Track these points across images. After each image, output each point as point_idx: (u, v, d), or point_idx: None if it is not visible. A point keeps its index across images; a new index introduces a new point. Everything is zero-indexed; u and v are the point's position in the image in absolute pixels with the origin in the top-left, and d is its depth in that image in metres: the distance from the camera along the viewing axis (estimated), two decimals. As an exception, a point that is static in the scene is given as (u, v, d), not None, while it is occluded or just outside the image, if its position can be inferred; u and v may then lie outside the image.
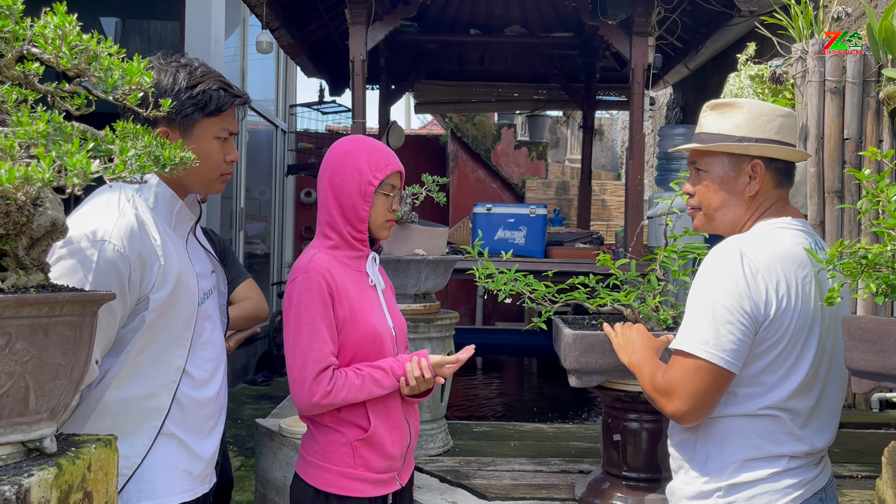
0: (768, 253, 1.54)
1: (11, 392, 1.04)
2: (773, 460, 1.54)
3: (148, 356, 1.58)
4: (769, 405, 1.54)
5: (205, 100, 1.63)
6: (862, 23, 4.29)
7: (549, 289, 2.34)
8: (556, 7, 5.61)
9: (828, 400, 1.60)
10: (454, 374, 1.97)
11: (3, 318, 1.00)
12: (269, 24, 5.32)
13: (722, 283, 1.52)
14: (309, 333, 1.78)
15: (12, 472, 1.03)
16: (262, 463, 3.46)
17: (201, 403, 1.70)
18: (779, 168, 1.66)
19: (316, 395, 1.76)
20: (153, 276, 1.55)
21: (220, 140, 1.68)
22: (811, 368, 1.54)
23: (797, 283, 1.53)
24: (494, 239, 5.28)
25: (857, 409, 3.90)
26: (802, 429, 1.55)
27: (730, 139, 1.65)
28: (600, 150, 12.86)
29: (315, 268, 1.81)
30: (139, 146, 0.99)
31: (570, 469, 2.98)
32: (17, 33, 1.01)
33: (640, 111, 4.71)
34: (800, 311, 1.52)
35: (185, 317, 1.63)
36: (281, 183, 10.10)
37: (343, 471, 1.83)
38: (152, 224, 1.58)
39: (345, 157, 1.87)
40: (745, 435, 1.55)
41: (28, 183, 0.79)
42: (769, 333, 1.51)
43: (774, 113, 1.66)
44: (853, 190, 3.75)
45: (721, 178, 1.67)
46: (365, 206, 1.85)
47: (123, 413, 1.57)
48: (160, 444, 1.62)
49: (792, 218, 1.64)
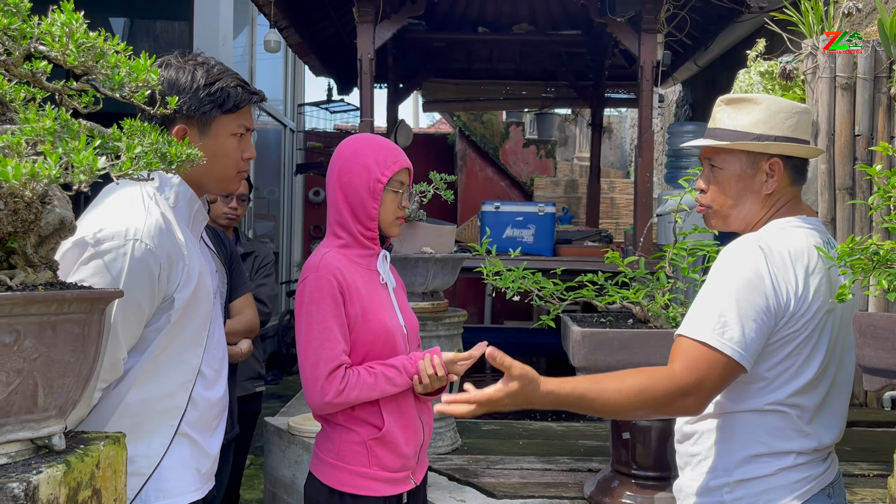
0: (787, 250, 1.52)
1: (20, 389, 1.04)
2: (780, 456, 1.53)
3: (168, 355, 1.59)
4: (777, 401, 1.52)
5: (223, 97, 1.63)
6: (873, 18, 4.26)
7: (558, 287, 2.33)
8: (565, 4, 5.59)
9: (835, 396, 1.58)
10: (463, 373, 1.96)
11: (11, 315, 1.00)
12: (277, 24, 5.32)
13: (744, 277, 1.49)
14: (320, 332, 1.78)
15: (21, 470, 1.03)
16: (271, 461, 3.47)
17: (212, 403, 1.71)
18: (795, 165, 1.64)
19: (328, 393, 1.76)
20: (178, 275, 1.56)
21: (237, 137, 1.69)
22: (822, 365, 1.53)
23: (812, 280, 1.52)
24: (503, 237, 5.28)
25: (869, 408, 3.88)
26: (810, 424, 1.54)
27: (747, 136, 1.62)
28: (609, 147, 12.83)
29: (326, 266, 1.81)
30: (146, 143, 0.99)
31: (579, 467, 2.97)
32: (24, 31, 1.02)
33: (649, 108, 4.69)
34: (816, 308, 1.51)
35: (203, 316, 1.64)
36: (290, 182, 10.12)
37: (358, 470, 1.83)
38: (175, 222, 1.58)
39: (353, 155, 1.88)
40: (753, 431, 1.54)
41: (34, 180, 0.79)
42: (786, 330, 1.50)
43: (792, 110, 1.64)
44: (864, 186, 3.73)
45: (738, 176, 1.64)
46: (374, 203, 1.85)
47: (144, 412, 1.57)
48: (176, 443, 1.62)
49: (805, 216, 1.63)
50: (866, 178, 3.69)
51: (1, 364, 1.00)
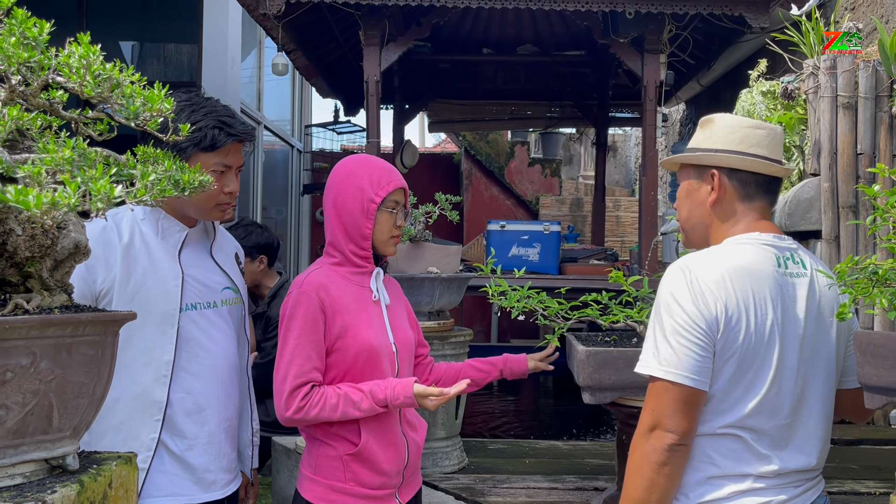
0: (719, 268, 1.51)
1: (36, 410, 1.06)
2: (736, 479, 1.51)
3: (132, 352, 1.70)
4: (729, 423, 1.51)
5: (200, 137, 1.76)
6: (873, 38, 4.30)
7: (563, 306, 2.35)
8: (569, 25, 5.65)
9: (806, 418, 1.55)
10: (469, 392, 1.98)
11: (28, 337, 1.02)
12: (284, 46, 5.39)
13: (671, 300, 1.50)
14: (294, 348, 1.81)
15: (36, 489, 1.06)
16: (279, 481, 3.47)
17: (192, 402, 1.82)
18: (744, 180, 1.63)
19: (290, 408, 1.80)
20: (112, 270, 1.71)
21: (216, 173, 1.77)
22: (772, 386, 1.50)
23: (753, 299, 1.50)
24: (508, 256, 5.30)
25: (875, 426, 3.86)
26: (771, 449, 1.51)
27: (694, 151, 1.68)
28: (614, 166, 12.86)
29: (310, 284, 1.85)
30: (160, 171, 1.02)
31: (586, 486, 2.97)
32: (42, 63, 1.05)
33: (653, 128, 4.72)
34: (755, 328, 1.49)
35: (163, 313, 1.77)
36: (297, 202, 10.18)
37: (333, 484, 1.83)
38: (127, 225, 1.76)
39: (347, 177, 1.91)
40: (707, 453, 1.53)
41: (55, 208, 0.82)
42: (724, 349, 1.49)
43: (742, 125, 1.65)
44: (868, 205, 3.74)
45: (687, 190, 1.70)
46: (368, 223, 1.88)
47: (123, 409, 1.71)
48: (164, 439, 1.77)
49: (760, 233, 1.60)
50: (865, 198, 3.70)
51: (17, 386, 1.03)
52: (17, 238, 1.05)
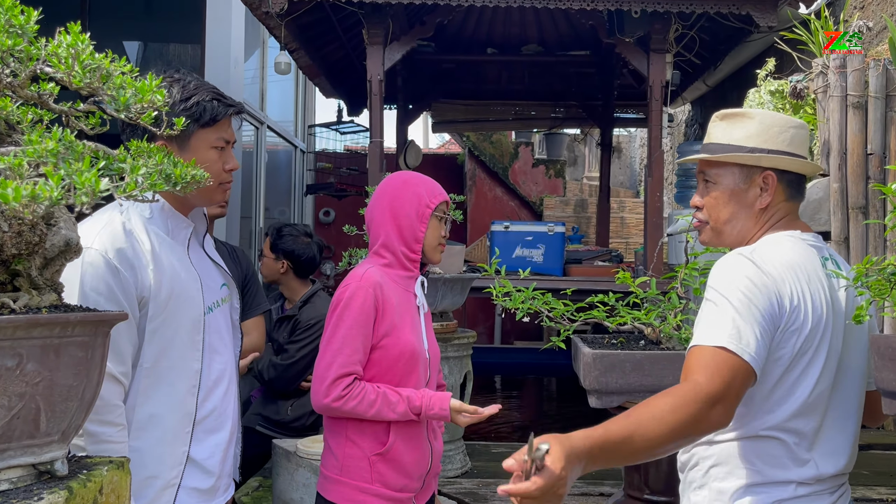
0: (777, 258, 1.48)
1: (22, 414, 1.02)
2: (779, 486, 1.45)
3: (168, 363, 1.62)
4: (771, 426, 1.46)
5: (199, 111, 1.67)
6: (883, 37, 4.24)
7: (568, 307, 2.31)
8: (573, 25, 5.62)
9: (836, 421, 1.51)
10: (472, 394, 1.97)
11: (14, 338, 0.98)
12: (287, 46, 5.37)
13: (743, 287, 1.43)
14: (344, 337, 1.86)
15: (22, 496, 1.02)
16: (280, 484, 3.43)
17: (211, 409, 1.75)
18: (790, 180, 1.61)
19: (330, 396, 1.84)
20: (146, 279, 1.59)
21: (217, 150, 1.71)
22: (817, 385, 1.46)
23: (810, 291, 1.47)
24: (512, 257, 5.26)
25: (884, 431, 3.81)
26: (809, 452, 1.46)
27: (741, 149, 1.60)
28: (619, 167, 12.83)
29: (369, 279, 1.92)
30: (150, 164, 0.98)
31: (591, 492, 2.93)
32: (30, 53, 1.01)
33: (659, 128, 4.68)
34: (810, 324, 1.45)
35: (192, 319, 1.67)
36: (300, 203, 10.15)
37: (360, 485, 1.87)
38: (143, 230, 1.62)
39: (404, 185, 2.05)
40: (748, 459, 1.47)
41: (35, 201, 0.78)
42: (782, 340, 1.44)
43: (787, 124, 1.62)
44: (878, 205, 3.69)
45: (731, 190, 1.62)
46: (422, 226, 2.00)
47: (159, 426, 1.61)
48: (192, 452, 1.68)
49: (801, 231, 1.59)
50: (881, 198, 3.65)
51: (3, 388, 0.99)
52: (3, 234, 1.01)
